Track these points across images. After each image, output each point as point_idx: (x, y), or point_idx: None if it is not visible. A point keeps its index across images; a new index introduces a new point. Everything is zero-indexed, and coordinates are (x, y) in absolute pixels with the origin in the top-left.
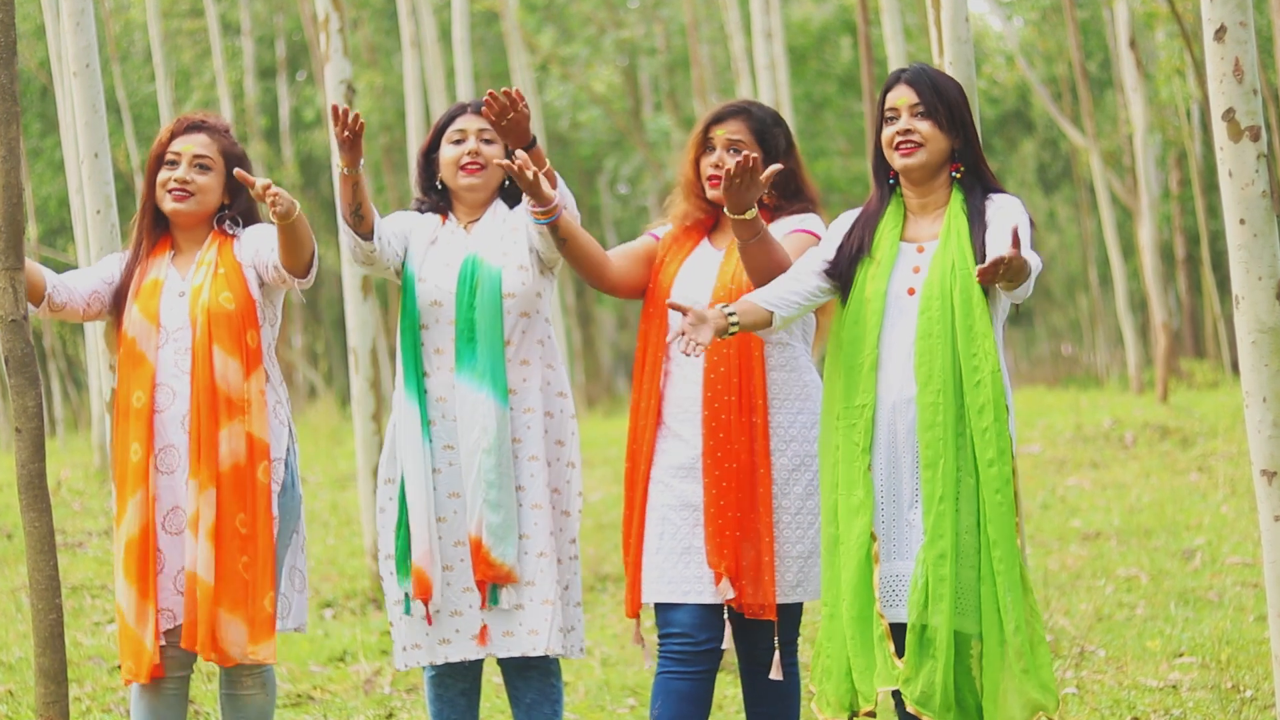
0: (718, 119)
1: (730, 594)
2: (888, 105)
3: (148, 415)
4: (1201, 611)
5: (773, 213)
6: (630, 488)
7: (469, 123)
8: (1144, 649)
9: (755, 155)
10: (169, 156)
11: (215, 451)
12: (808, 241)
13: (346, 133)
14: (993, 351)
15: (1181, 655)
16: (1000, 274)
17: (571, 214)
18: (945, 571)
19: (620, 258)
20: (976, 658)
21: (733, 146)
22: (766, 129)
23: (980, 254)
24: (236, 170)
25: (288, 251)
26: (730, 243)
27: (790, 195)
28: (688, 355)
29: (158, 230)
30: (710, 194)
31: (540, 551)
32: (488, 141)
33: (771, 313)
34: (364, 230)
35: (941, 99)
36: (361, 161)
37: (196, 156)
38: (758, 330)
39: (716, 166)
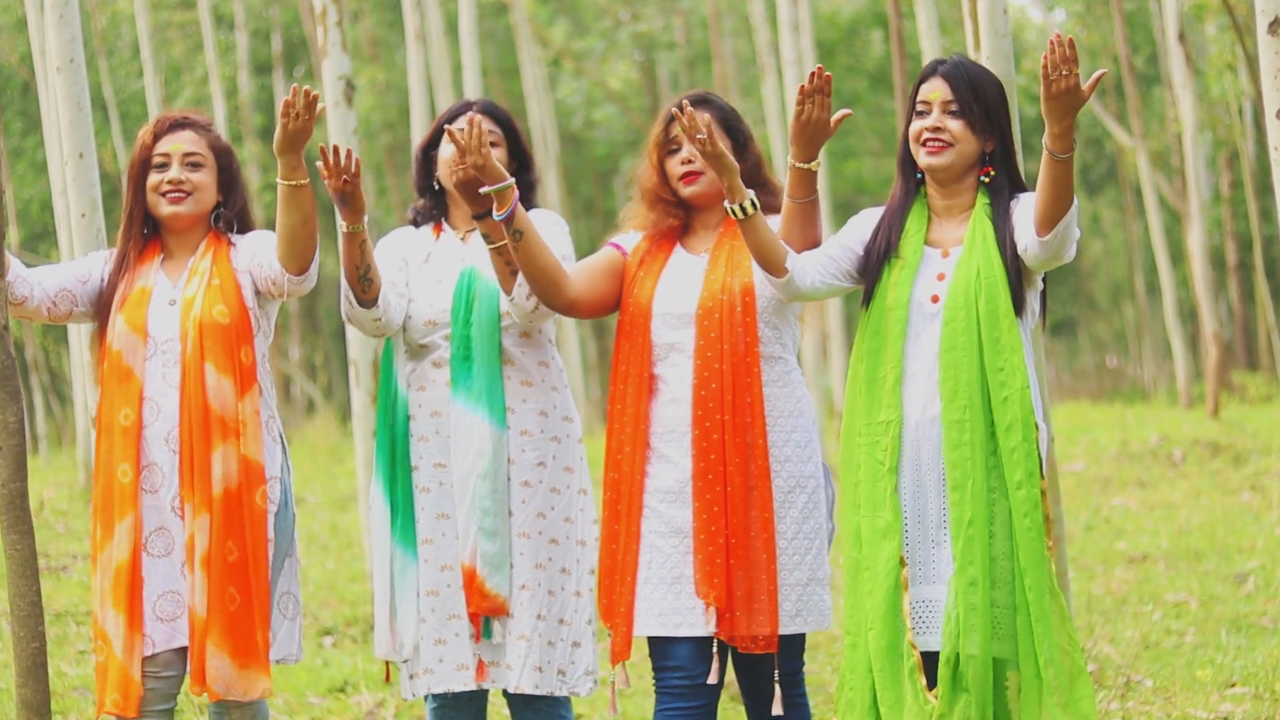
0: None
1: (714, 627)
2: (920, 97)
3: (136, 434)
4: (1255, 639)
5: None
6: (613, 519)
7: None
8: (1194, 679)
9: (827, 73)
10: (156, 159)
11: (208, 475)
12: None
13: (344, 179)
14: (1021, 366)
15: (1233, 685)
16: (1065, 74)
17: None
18: (977, 600)
19: (580, 273)
20: (1014, 690)
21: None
22: (731, 118)
23: (1008, 258)
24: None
25: (287, 237)
26: (713, 247)
27: (758, 188)
28: (686, 128)
29: (146, 237)
30: (685, 191)
31: (522, 584)
32: (491, 145)
33: (786, 255)
34: (369, 297)
35: (978, 98)
36: (366, 216)
37: (187, 155)
38: (761, 260)
39: (686, 162)
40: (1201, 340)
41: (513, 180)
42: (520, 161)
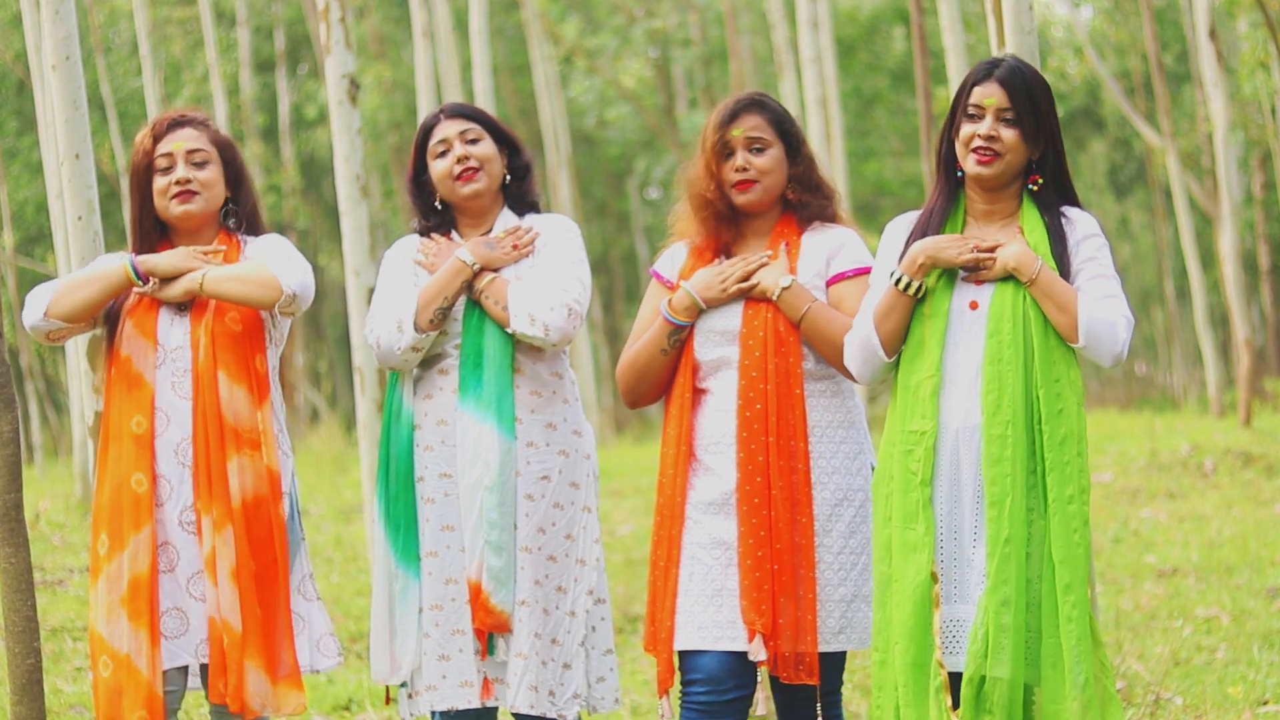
0: (731, 117)
1: (762, 655)
2: (973, 100)
3: (149, 442)
4: None
5: (800, 211)
6: (658, 544)
7: (448, 129)
8: (1225, 696)
9: None
10: (159, 162)
11: (225, 485)
12: None
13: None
14: (1078, 379)
15: (1266, 703)
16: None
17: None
18: (1008, 620)
19: None
20: (1038, 711)
21: (755, 145)
22: (784, 121)
23: (1064, 272)
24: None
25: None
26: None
27: (812, 191)
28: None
29: (156, 240)
30: (739, 200)
31: (522, 600)
32: (473, 141)
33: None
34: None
35: (1034, 107)
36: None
37: (190, 152)
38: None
39: (740, 170)
40: (1233, 346)
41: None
42: (510, 148)
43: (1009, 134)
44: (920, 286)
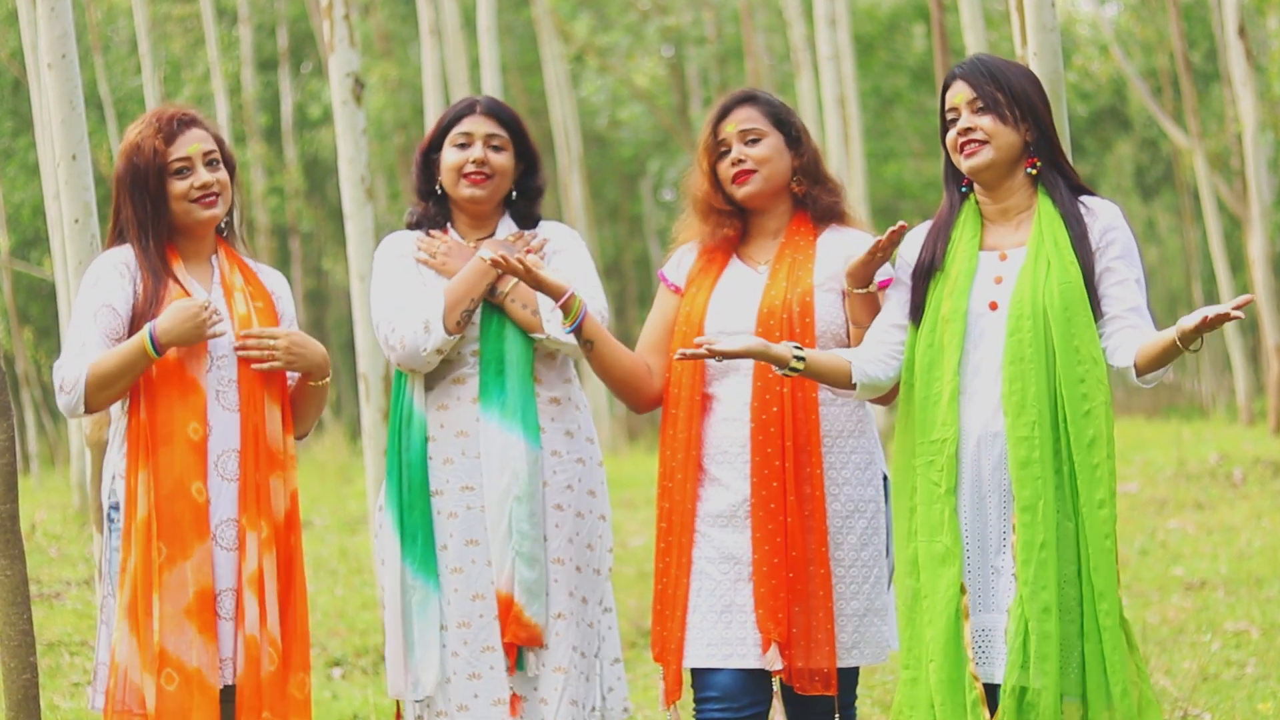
0: (723, 114)
1: (779, 665)
2: (947, 106)
3: (205, 450)
4: None
5: (810, 208)
6: (665, 551)
7: (476, 125)
8: (1255, 712)
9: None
10: (176, 164)
11: (270, 503)
12: None
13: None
14: (1104, 378)
15: None
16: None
17: (600, 316)
18: (1050, 627)
19: (656, 352)
20: None
21: (749, 137)
22: (780, 111)
23: (1086, 265)
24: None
25: (296, 416)
26: (774, 259)
27: (816, 184)
28: (708, 356)
29: (164, 243)
30: (739, 193)
31: (558, 612)
32: (496, 149)
33: (850, 369)
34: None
35: (1002, 88)
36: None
37: (207, 154)
38: (830, 386)
39: (736, 162)
40: (1263, 353)
41: (572, 291)
42: (527, 164)
43: (984, 120)
44: None
